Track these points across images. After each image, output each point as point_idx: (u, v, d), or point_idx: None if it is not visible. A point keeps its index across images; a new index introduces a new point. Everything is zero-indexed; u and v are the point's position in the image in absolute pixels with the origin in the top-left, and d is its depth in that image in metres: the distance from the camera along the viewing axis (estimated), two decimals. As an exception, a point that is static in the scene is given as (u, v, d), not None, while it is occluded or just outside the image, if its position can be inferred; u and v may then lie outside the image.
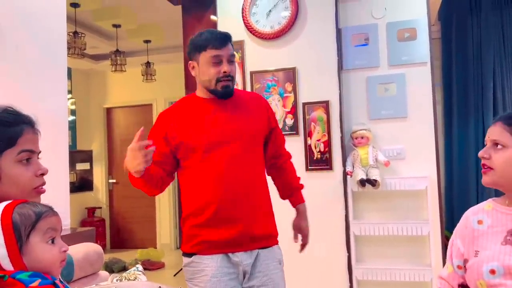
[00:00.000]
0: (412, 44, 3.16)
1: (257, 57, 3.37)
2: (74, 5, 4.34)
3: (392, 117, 3.18)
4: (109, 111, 6.86)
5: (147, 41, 5.51)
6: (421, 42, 3.14)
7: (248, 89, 3.37)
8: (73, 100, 6.38)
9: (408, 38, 3.17)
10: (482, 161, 1.29)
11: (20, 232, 0.95)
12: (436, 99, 3.20)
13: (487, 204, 1.35)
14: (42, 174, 1.11)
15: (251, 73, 3.37)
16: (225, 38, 1.75)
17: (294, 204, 1.99)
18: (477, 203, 1.41)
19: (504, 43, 4.19)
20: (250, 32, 3.36)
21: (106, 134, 6.84)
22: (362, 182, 3.01)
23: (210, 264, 1.69)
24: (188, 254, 1.75)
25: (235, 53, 1.83)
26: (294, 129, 3.24)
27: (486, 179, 1.29)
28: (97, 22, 4.88)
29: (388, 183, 3.10)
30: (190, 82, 3.59)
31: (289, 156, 2.03)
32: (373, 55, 3.24)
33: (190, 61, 1.79)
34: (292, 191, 1.98)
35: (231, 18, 3.43)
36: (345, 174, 3.12)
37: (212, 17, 3.52)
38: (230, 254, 1.72)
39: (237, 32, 3.40)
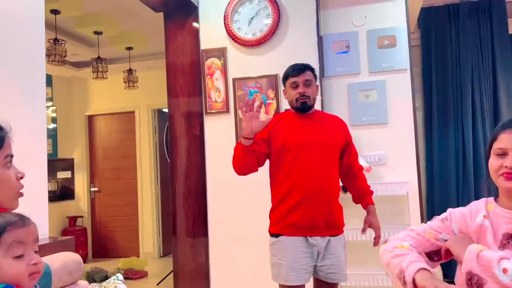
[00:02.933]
0: (392, 51, 3.21)
1: (240, 64, 3.38)
2: (55, 12, 4.29)
3: (373, 124, 3.22)
4: (91, 118, 6.78)
5: (129, 48, 5.46)
6: (401, 49, 3.19)
7: (231, 95, 3.37)
8: (54, 107, 6.29)
9: (388, 46, 3.22)
10: (508, 170, 1.25)
11: None
12: (416, 105, 3.25)
13: (489, 205, 1.33)
14: (21, 178, 1.11)
15: (234, 80, 3.38)
16: (302, 68, 2.28)
17: (364, 206, 2.39)
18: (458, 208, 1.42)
19: (482, 49, 4.27)
20: (232, 39, 3.37)
21: (87, 142, 6.74)
22: (344, 188, 3.02)
23: (292, 244, 2.16)
24: (276, 235, 2.21)
25: (311, 77, 2.29)
26: (276, 135, 3.25)
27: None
28: (78, 29, 4.83)
29: (370, 188, 3.12)
30: (172, 89, 3.58)
31: (361, 168, 2.47)
32: (354, 62, 3.28)
33: (283, 89, 2.36)
34: (363, 195, 2.40)
35: (213, 25, 3.44)
36: (327, 180, 3.13)
37: (194, 24, 3.53)
38: (308, 237, 2.17)
39: (219, 39, 3.41)
